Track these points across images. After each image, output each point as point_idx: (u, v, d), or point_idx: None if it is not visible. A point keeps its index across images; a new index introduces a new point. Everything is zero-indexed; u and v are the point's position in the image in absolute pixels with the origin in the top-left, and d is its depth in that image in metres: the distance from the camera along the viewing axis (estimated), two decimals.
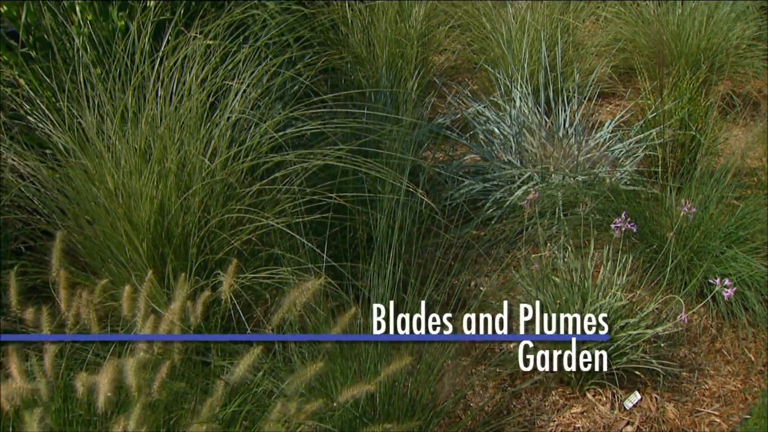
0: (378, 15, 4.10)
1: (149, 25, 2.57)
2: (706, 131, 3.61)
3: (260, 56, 2.63)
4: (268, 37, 3.10)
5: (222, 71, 2.41)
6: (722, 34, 4.63)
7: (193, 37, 2.54)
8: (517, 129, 3.45)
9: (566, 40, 4.18)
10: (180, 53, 2.47)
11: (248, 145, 2.24)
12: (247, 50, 2.46)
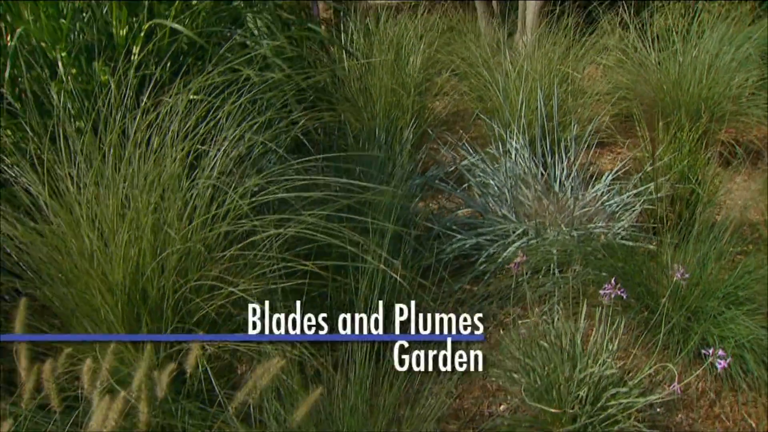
0: (375, 63, 4.08)
1: (132, 80, 2.54)
2: (705, 184, 3.55)
3: (248, 109, 2.60)
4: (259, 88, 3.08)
5: (203, 128, 2.36)
6: (723, 82, 4.57)
7: (177, 92, 2.51)
8: (513, 182, 3.39)
9: (565, 89, 4.13)
10: (162, 108, 2.43)
11: (227, 208, 2.18)
12: (229, 107, 2.41)
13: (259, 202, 2.23)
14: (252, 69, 2.95)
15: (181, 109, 2.41)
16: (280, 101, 3.01)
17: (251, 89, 2.99)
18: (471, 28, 5.70)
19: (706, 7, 6.32)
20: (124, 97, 2.49)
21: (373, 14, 4.77)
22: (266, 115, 2.51)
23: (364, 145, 3.66)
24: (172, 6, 2.71)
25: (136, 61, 2.57)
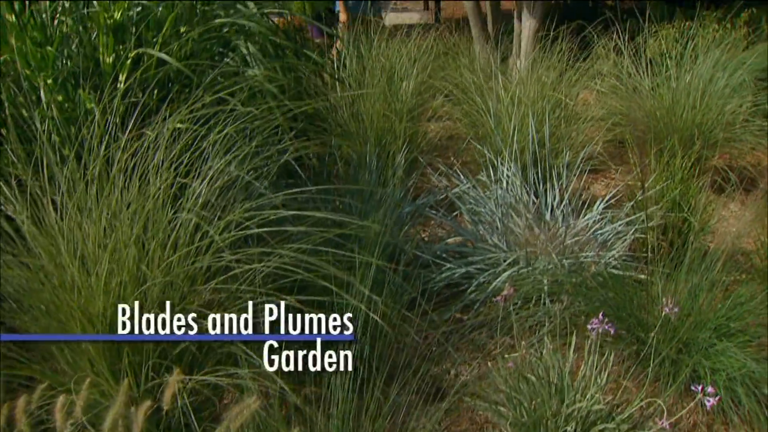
0: (367, 88, 4.07)
1: (118, 107, 2.52)
2: (698, 212, 3.52)
3: (236, 137, 2.58)
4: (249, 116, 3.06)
5: (187, 157, 2.34)
6: (717, 108, 4.56)
7: (162, 120, 2.49)
8: (504, 210, 3.36)
9: (558, 114, 4.12)
10: (147, 137, 2.41)
11: (209, 240, 2.16)
12: (215, 136, 2.39)
13: (241, 235, 2.20)
14: (244, 94, 2.95)
15: (167, 137, 2.39)
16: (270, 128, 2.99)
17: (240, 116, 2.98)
18: (465, 51, 5.70)
19: (700, 32, 6.33)
20: (109, 124, 2.47)
21: (367, 39, 4.77)
22: (252, 143, 2.48)
23: (355, 172, 3.64)
24: (160, 34, 2.69)
25: (122, 89, 2.55)
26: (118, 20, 2.62)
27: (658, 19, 6.71)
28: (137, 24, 2.78)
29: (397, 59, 4.30)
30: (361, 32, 4.82)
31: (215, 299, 2.15)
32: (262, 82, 3.04)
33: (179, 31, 2.77)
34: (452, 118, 4.52)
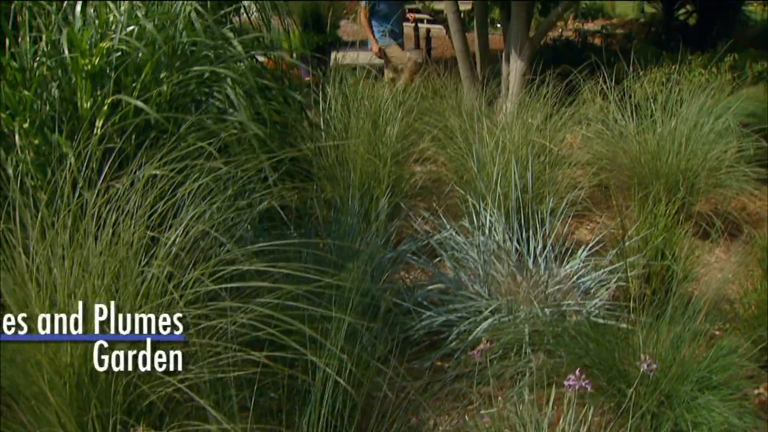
0: (352, 132, 4.06)
1: (94, 153, 2.50)
2: (681, 260, 3.50)
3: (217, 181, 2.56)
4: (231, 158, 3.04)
5: (161, 206, 2.31)
6: (702, 154, 4.57)
7: (139, 165, 2.47)
8: (486, 257, 3.34)
9: (543, 160, 4.11)
10: (122, 183, 2.38)
11: (180, 293, 2.12)
12: (191, 184, 2.36)
13: (213, 289, 2.16)
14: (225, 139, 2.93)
15: (142, 184, 2.37)
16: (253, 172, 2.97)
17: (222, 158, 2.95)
18: (453, 93, 5.72)
19: (686, 76, 6.38)
20: (84, 169, 2.45)
21: (354, 80, 4.78)
22: (228, 192, 2.46)
23: (338, 215, 3.62)
24: (139, 79, 2.68)
25: (98, 134, 2.53)
26: (96, 66, 2.61)
27: (645, 62, 6.76)
28: (117, 68, 2.76)
29: (382, 102, 4.30)
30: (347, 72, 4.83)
31: (185, 353, 2.11)
32: (243, 128, 3.02)
33: (159, 77, 2.75)
34: (437, 161, 4.51)
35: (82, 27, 2.98)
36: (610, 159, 4.63)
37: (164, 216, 2.35)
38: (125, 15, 2.85)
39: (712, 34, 9.98)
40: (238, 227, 2.87)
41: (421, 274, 3.60)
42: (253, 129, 3.05)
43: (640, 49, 8.67)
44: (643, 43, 9.70)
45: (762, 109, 5.88)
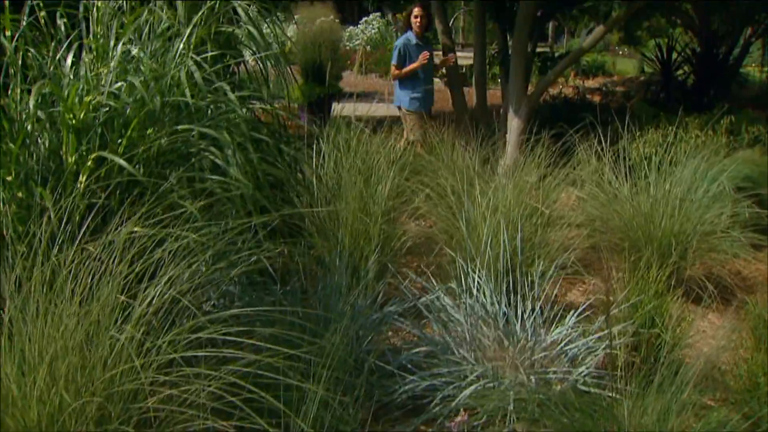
0: (344, 188, 4.05)
1: (78, 207, 2.49)
2: (672, 328, 3.46)
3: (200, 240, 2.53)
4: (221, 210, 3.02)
5: (139, 266, 2.28)
6: (696, 218, 4.55)
7: (120, 223, 2.44)
8: (473, 321, 3.30)
9: (535, 221, 4.09)
10: (102, 240, 2.36)
11: (153, 358, 2.08)
12: (170, 245, 2.34)
13: (189, 354, 2.13)
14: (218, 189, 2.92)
15: (122, 242, 2.34)
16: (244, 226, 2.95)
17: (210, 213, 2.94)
18: (449, 149, 5.73)
19: (683, 137, 6.40)
20: (65, 224, 2.43)
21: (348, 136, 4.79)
22: (213, 249, 2.43)
23: (327, 273, 3.59)
24: (125, 136, 2.68)
25: (81, 189, 2.52)
26: (81, 120, 2.60)
27: (643, 122, 6.79)
28: (104, 123, 2.76)
29: (375, 160, 4.30)
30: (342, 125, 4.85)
31: (156, 417, 2.06)
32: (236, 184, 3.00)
33: (146, 134, 2.75)
34: (429, 220, 4.50)
35: (71, 80, 2.99)
36: (603, 221, 4.61)
37: (142, 276, 2.32)
38: (114, 71, 2.85)
39: (710, 94, 10.06)
40: (223, 284, 2.85)
41: (408, 335, 3.55)
42: (243, 183, 3.03)
43: (638, 108, 8.74)
44: (641, 103, 9.76)
45: (758, 172, 5.87)
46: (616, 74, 17.90)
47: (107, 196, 2.56)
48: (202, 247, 2.43)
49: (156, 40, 3.28)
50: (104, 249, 2.31)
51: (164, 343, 2.10)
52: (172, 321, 2.22)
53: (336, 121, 5.51)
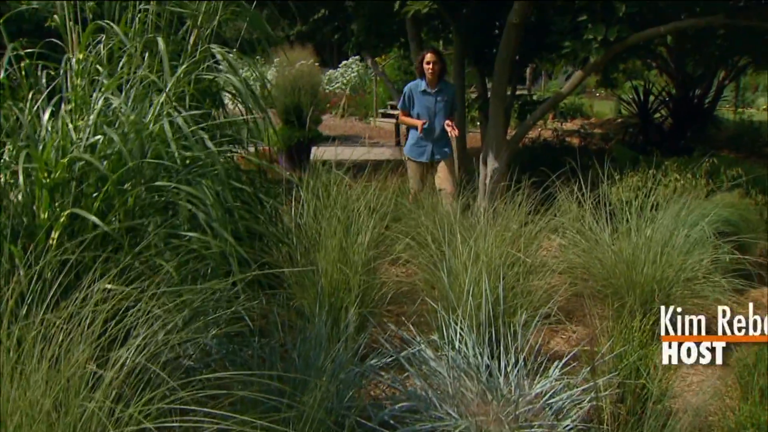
0: (324, 238, 4.00)
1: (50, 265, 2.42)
2: (658, 378, 3.42)
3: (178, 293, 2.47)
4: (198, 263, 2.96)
5: (113, 326, 2.21)
6: (677, 264, 4.54)
7: (95, 279, 2.38)
8: (456, 374, 3.23)
9: (517, 270, 4.05)
10: (74, 299, 2.29)
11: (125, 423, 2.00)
12: (145, 304, 2.27)
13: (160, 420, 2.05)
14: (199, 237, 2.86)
15: (94, 301, 2.27)
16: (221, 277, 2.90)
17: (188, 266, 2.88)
18: (429, 195, 5.71)
19: (662, 181, 6.44)
20: (35, 282, 2.36)
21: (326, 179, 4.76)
22: (184, 312, 2.36)
23: (306, 325, 3.52)
24: (101, 192, 2.62)
25: (53, 246, 2.45)
26: (54, 179, 2.55)
27: (623, 166, 6.82)
28: (80, 178, 2.71)
29: (355, 208, 4.26)
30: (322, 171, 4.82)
31: None
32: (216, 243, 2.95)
33: (123, 189, 2.69)
34: (409, 270, 4.45)
35: (47, 134, 2.94)
36: (584, 268, 4.58)
37: (115, 336, 2.25)
38: (93, 124, 2.81)
39: (687, 137, 10.17)
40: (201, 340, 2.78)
41: (389, 389, 3.48)
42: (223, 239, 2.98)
43: (617, 152, 8.81)
44: (619, 146, 9.85)
45: (737, 216, 5.90)
46: (593, 116, 18.12)
47: (81, 251, 2.49)
48: (180, 305, 2.37)
49: (135, 87, 3.26)
50: (77, 308, 2.23)
51: (135, 411, 2.02)
52: (147, 382, 2.14)
53: (316, 166, 5.49)
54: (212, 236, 2.93)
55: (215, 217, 2.92)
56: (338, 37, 8.87)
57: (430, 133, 6.60)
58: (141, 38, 3.71)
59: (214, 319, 2.72)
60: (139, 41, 3.65)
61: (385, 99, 19.49)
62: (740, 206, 6.13)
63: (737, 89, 16.55)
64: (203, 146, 3.22)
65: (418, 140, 6.68)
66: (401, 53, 13.83)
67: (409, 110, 6.71)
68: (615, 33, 5.97)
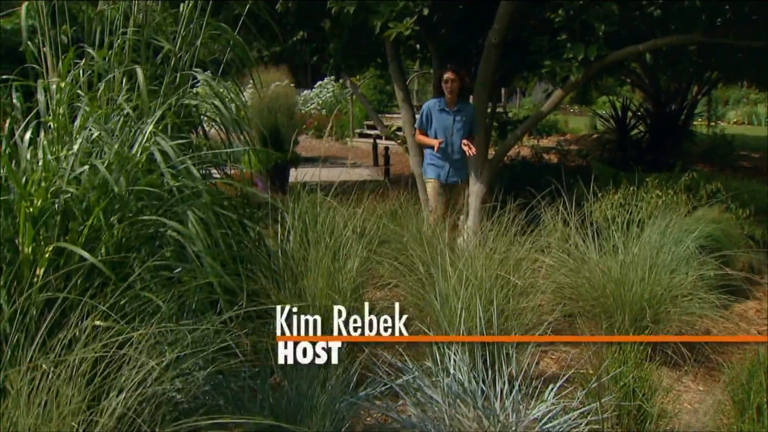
0: (311, 264, 3.94)
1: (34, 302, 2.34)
2: (654, 398, 3.40)
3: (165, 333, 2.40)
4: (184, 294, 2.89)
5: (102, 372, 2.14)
6: (665, 283, 4.54)
7: (83, 316, 2.31)
8: (451, 400, 3.18)
9: (506, 292, 4.01)
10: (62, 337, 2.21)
11: None
12: (138, 335, 2.20)
13: None
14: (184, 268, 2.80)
15: (84, 341, 2.20)
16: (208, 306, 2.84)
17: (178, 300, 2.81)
18: (413, 217, 5.66)
19: (645, 198, 6.45)
20: (21, 321, 2.28)
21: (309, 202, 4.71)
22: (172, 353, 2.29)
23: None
24: (86, 224, 2.55)
25: (39, 283, 2.37)
26: (38, 208, 2.47)
27: (604, 182, 6.84)
28: (63, 212, 2.63)
29: (342, 233, 4.21)
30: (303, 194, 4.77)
31: None
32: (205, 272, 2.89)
33: (108, 222, 2.62)
34: (396, 293, 4.39)
35: (28, 162, 2.86)
36: (573, 288, 4.56)
37: (106, 376, 2.18)
38: (76, 155, 2.73)
39: (664, 152, 10.25)
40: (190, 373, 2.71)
41: (383, 417, 3.42)
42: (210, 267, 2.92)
43: (596, 168, 8.84)
44: (598, 163, 9.89)
45: (720, 231, 5.93)
46: (569, 133, 18.22)
47: (67, 287, 2.42)
48: (172, 342, 2.30)
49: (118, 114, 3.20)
50: (64, 349, 2.16)
51: None
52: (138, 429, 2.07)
53: (296, 189, 5.43)
54: (199, 267, 2.87)
55: (202, 249, 2.86)
56: (317, 58, 8.83)
57: (447, 152, 6.36)
58: (120, 65, 3.65)
59: (202, 350, 2.66)
60: (119, 68, 3.59)
61: (361, 119, 19.48)
62: (721, 221, 6.17)
63: (709, 103, 16.76)
64: (188, 173, 3.16)
65: (435, 159, 6.41)
66: (377, 73, 13.85)
67: (426, 129, 6.45)
68: (595, 52, 6.00)
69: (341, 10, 6.21)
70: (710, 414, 3.61)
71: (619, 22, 6.08)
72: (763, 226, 6.61)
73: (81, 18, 3.99)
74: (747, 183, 9.08)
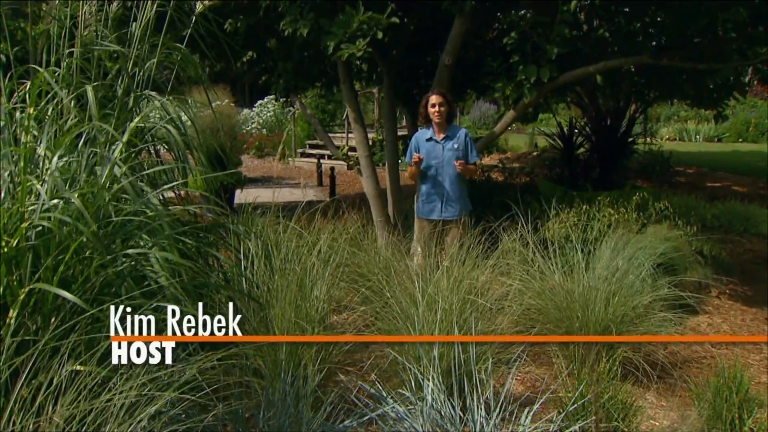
0: (277, 293, 3.86)
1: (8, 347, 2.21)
2: (628, 418, 3.42)
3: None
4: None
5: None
6: (629, 303, 4.60)
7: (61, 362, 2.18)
8: (429, 429, 3.13)
9: (476, 316, 3.99)
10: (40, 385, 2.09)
11: None
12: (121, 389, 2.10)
13: None
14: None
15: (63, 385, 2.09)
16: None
17: None
18: (371, 239, 5.62)
19: (597, 216, 6.55)
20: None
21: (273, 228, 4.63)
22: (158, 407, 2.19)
23: (269, 385, 3.36)
24: (63, 260, 2.42)
25: (12, 327, 2.24)
26: (13, 249, 2.34)
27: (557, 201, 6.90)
28: (36, 247, 2.49)
29: (308, 260, 4.13)
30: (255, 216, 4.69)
31: None
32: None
33: (83, 258, 2.50)
34: (365, 321, 4.32)
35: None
36: (540, 310, 4.58)
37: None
38: (49, 188, 2.60)
39: (609, 170, 10.45)
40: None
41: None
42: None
43: (544, 187, 8.95)
44: (546, 182, 10.01)
45: (671, 248, 6.05)
46: (509, 150, 18.42)
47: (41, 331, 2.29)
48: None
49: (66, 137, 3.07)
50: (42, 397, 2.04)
51: None
52: None
53: (246, 210, 5.34)
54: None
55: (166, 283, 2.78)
56: (265, 78, 8.75)
57: (438, 186, 5.78)
58: (69, 86, 3.51)
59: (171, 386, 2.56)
60: (68, 89, 3.45)
61: (303, 138, 19.39)
62: (671, 238, 6.29)
63: (645, 121, 17.17)
64: (150, 204, 3.06)
65: (425, 194, 5.83)
66: (320, 92, 13.80)
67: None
68: (547, 74, 6.07)
69: (294, 32, 6.15)
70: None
71: (570, 46, 6.19)
72: (710, 242, 6.77)
73: (21, 36, 3.84)
74: (687, 199, 9.34)
